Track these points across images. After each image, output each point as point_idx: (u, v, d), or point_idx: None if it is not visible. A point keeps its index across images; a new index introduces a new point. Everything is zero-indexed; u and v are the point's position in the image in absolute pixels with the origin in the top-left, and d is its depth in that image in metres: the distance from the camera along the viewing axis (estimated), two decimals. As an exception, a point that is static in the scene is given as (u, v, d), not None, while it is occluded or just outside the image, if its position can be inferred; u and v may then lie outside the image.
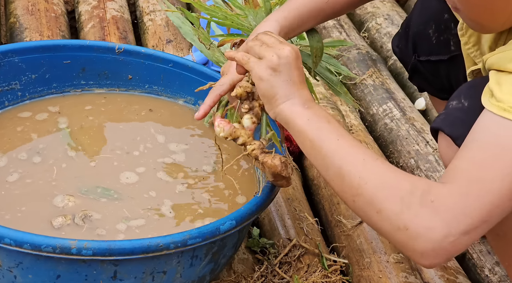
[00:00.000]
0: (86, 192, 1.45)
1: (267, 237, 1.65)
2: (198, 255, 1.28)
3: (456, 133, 1.38)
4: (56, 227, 1.35)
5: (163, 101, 1.74)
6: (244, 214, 1.28)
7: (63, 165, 1.51)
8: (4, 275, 1.25)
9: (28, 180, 1.46)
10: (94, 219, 1.39)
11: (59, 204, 1.41)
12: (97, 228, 1.37)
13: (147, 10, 2.44)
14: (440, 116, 1.33)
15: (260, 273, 1.54)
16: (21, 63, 1.63)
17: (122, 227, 1.38)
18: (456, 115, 1.29)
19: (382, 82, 2.27)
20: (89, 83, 1.73)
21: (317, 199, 1.83)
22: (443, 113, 1.34)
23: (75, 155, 1.54)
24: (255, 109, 1.30)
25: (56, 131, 1.60)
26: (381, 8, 2.67)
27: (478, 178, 1.04)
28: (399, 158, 2.00)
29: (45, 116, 1.64)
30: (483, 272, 1.68)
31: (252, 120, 1.29)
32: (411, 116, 2.11)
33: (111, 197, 1.45)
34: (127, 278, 1.24)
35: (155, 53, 1.71)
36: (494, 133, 1.06)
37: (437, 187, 1.06)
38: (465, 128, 1.30)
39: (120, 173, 1.51)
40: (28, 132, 1.58)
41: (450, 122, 1.25)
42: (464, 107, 1.31)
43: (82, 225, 1.37)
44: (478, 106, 1.13)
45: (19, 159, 1.51)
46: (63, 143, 1.57)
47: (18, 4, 2.32)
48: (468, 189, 1.04)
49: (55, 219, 1.37)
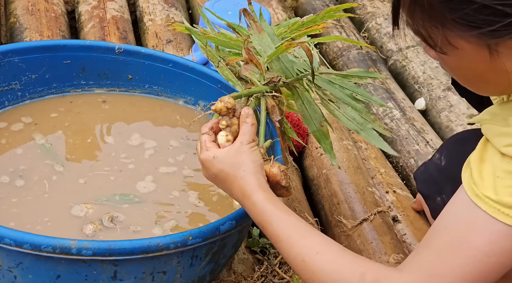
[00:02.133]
0: (106, 201, 1.44)
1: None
2: (198, 255, 1.28)
3: (426, 193, 1.39)
4: (90, 235, 1.35)
5: (163, 101, 1.74)
6: (244, 214, 1.28)
7: (80, 180, 1.49)
8: (4, 275, 1.25)
9: (37, 194, 1.44)
10: (123, 219, 1.39)
11: (79, 214, 1.40)
12: (130, 225, 1.38)
13: (147, 10, 2.44)
14: (421, 167, 1.32)
15: (260, 273, 1.54)
16: (21, 63, 1.63)
17: (154, 223, 1.39)
18: (432, 173, 1.28)
19: (382, 82, 2.28)
20: (89, 83, 1.73)
21: (317, 199, 1.83)
22: (424, 163, 1.33)
23: (84, 166, 1.54)
24: (233, 127, 1.26)
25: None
26: (381, 8, 2.67)
27: (439, 273, 1.01)
28: (399, 158, 2.00)
29: (20, 126, 1.61)
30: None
31: (227, 138, 1.25)
32: (411, 116, 2.12)
33: (132, 201, 1.45)
34: (127, 278, 1.24)
35: (155, 53, 1.71)
36: (462, 220, 1.02)
37: (391, 278, 1.04)
38: (436, 190, 1.29)
39: (137, 182, 1.51)
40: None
41: (424, 179, 1.24)
42: (440, 165, 1.30)
43: (114, 227, 1.37)
44: (455, 168, 1.10)
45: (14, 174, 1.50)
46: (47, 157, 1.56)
47: (18, 4, 2.32)
48: (421, 277, 1.02)
49: (85, 227, 1.37)
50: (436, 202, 1.40)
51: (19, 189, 1.44)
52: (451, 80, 1.61)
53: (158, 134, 1.65)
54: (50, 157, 1.53)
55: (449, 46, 0.99)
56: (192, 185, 1.52)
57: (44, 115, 1.64)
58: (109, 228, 1.37)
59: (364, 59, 2.37)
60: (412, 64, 2.39)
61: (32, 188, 1.44)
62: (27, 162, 1.50)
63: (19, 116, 1.63)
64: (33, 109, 1.65)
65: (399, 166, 1.99)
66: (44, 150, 1.55)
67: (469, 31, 0.94)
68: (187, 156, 1.60)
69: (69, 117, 1.65)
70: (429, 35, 0.99)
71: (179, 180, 1.53)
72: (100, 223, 1.38)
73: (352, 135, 2.03)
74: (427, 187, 1.30)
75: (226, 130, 1.26)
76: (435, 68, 2.36)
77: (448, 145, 1.27)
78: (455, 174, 1.09)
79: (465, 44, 0.97)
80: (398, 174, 1.97)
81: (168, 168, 1.56)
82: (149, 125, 1.68)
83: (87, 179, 1.49)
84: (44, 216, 1.38)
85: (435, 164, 1.26)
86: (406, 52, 2.44)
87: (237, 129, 1.26)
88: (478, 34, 0.94)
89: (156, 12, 2.42)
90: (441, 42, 0.98)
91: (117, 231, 1.37)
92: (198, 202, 1.47)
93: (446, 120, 2.16)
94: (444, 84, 2.29)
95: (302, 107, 1.40)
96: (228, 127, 1.26)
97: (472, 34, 0.94)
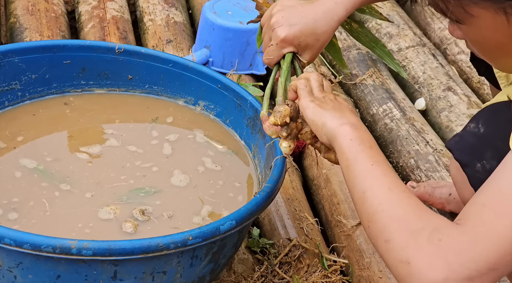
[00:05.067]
0: (126, 199, 1.45)
1: (267, 237, 1.65)
2: (198, 255, 1.28)
3: (464, 160, 1.37)
4: (130, 232, 1.37)
5: (163, 101, 1.74)
6: (244, 214, 1.28)
7: (86, 194, 1.48)
8: (4, 275, 1.25)
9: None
10: (152, 210, 1.42)
11: (109, 216, 1.41)
12: (162, 213, 1.41)
13: (147, 10, 2.44)
14: (455, 137, 1.32)
15: (260, 273, 1.54)
16: (21, 63, 1.63)
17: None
18: (470, 140, 1.27)
19: (382, 82, 2.28)
20: (89, 83, 1.73)
21: (317, 199, 1.83)
22: (459, 134, 1.33)
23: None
24: (293, 132, 1.27)
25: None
26: (381, 8, 2.67)
27: (491, 225, 1.01)
28: (399, 158, 2.00)
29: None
30: (483, 272, 1.68)
31: (290, 147, 1.27)
32: (411, 116, 2.12)
33: (149, 193, 1.48)
34: (127, 278, 1.24)
35: (155, 53, 1.71)
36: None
37: (448, 227, 1.03)
38: (475, 157, 1.28)
39: (146, 175, 1.53)
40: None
41: (461, 147, 1.23)
42: (479, 133, 1.29)
43: (149, 218, 1.40)
44: (493, 135, 1.10)
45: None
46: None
47: (18, 4, 2.32)
48: (479, 234, 1.01)
49: (123, 225, 1.38)
50: (475, 169, 1.39)
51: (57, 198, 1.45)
52: (470, 57, 1.61)
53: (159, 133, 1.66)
54: (49, 179, 1.51)
55: (466, 15, 1.01)
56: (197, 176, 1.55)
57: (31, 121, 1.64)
58: (145, 221, 1.40)
59: (364, 59, 2.37)
60: (412, 64, 2.39)
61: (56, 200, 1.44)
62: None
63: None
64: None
65: (399, 166, 1.99)
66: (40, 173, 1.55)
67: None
68: (187, 155, 1.60)
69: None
70: (446, 6, 1.02)
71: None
72: (134, 219, 1.40)
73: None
74: (465, 155, 1.29)
75: (287, 140, 1.27)
76: (435, 68, 2.36)
77: (482, 115, 1.27)
78: (494, 141, 1.09)
79: (481, 11, 1.00)
80: (398, 174, 1.97)
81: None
82: (148, 125, 1.68)
83: (99, 183, 1.49)
84: (78, 223, 1.39)
85: (472, 133, 1.26)
86: (406, 52, 2.44)
87: (296, 131, 1.27)
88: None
89: (156, 12, 2.42)
90: (458, 12, 1.01)
91: (155, 222, 1.40)
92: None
93: (446, 120, 2.16)
94: (444, 84, 2.29)
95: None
96: (289, 136, 1.27)
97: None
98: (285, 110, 1.24)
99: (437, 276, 0.99)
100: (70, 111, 1.67)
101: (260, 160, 1.56)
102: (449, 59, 2.49)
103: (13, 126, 1.59)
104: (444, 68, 2.37)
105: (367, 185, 1.10)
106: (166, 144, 1.63)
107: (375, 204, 1.08)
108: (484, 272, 0.99)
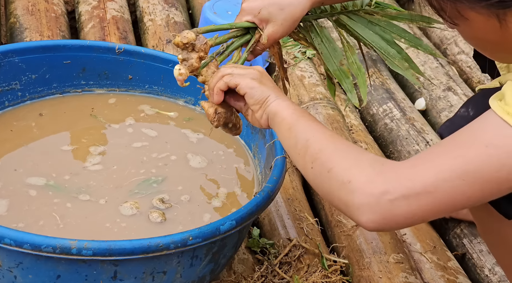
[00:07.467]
0: (138, 192, 1.46)
1: (267, 237, 1.65)
2: (198, 255, 1.28)
3: None
4: (160, 221, 1.39)
5: (163, 101, 1.74)
6: (244, 214, 1.28)
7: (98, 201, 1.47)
8: (4, 275, 1.25)
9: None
10: (168, 197, 1.45)
11: (132, 212, 1.42)
12: (181, 197, 1.45)
13: (147, 10, 2.44)
14: (446, 123, 1.34)
15: (260, 273, 1.54)
16: (21, 63, 1.63)
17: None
18: (460, 123, 1.28)
19: (382, 82, 2.28)
20: (89, 83, 1.73)
21: (317, 199, 1.83)
22: (449, 119, 1.35)
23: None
24: (189, 61, 1.30)
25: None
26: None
27: (432, 156, 1.07)
28: (399, 158, 2.00)
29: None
30: (483, 272, 1.68)
31: (180, 72, 1.30)
32: (411, 116, 2.12)
33: (158, 182, 1.49)
34: (127, 278, 1.24)
35: (155, 53, 1.71)
36: (483, 129, 1.05)
37: (391, 161, 1.10)
38: None
39: (151, 170, 1.54)
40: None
41: (451, 131, 1.25)
42: (469, 115, 1.31)
43: (171, 205, 1.43)
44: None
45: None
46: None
47: (18, 4, 2.32)
48: (418, 162, 1.07)
49: (150, 215, 1.40)
50: None
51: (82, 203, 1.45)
52: (473, 53, 1.63)
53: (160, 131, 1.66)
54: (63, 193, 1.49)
55: (461, 18, 1.05)
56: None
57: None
58: (168, 208, 1.43)
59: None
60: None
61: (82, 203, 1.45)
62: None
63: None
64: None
65: (399, 166, 1.99)
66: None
67: (479, 2, 1.01)
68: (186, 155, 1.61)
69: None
70: (442, 7, 1.05)
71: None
72: (156, 209, 1.42)
73: (353, 135, 2.03)
74: None
75: (182, 64, 1.30)
76: (435, 68, 2.36)
77: (472, 100, 1.30)
78: None
79: (475, 15, 1.03)
80: (398, 174, 1.97)
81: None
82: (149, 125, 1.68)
83: (111, 180, 1.50)
84: (105, 223, 1.39)
85: (462, 116, 1.28)
86: (406, 52, 2.43)
87: (194, 63, 1.29)
88: (487, 5, 1.01)
89: (156, 12, 2.42)
90: (453, 14, 1.05)
91: (178, 207, 1.43)
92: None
93: (446, 120, 2.17)
94: (444, 84, 2.29)
95: (321, 46, 1.39)
96: (184, 61, 1.30)
97: (482, 5, 1.01)
98: (189, 34, 1.29)
99: (375, 190, 1.05)
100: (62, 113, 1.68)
101: (260, 160, 1.56)
102: (449, 59, 2.49)
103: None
104: (444, 68, 2.37)
105: (310, 134, 1.17)
106: (164, 142, 1.63)
107: (319, 145, 1.14)
108: (420, 192, 1.04)
